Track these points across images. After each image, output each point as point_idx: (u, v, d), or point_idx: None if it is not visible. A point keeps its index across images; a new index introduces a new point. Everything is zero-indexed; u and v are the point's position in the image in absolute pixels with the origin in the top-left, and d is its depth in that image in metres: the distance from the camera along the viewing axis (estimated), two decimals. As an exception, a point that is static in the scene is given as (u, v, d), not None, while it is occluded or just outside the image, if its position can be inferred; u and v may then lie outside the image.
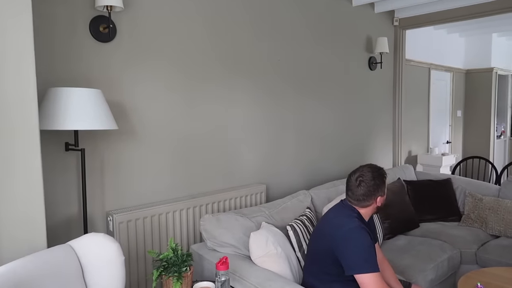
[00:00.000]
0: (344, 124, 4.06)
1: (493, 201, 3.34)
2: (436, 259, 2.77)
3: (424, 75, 5.59)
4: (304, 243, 2.40)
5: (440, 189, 3.76)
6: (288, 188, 3.41)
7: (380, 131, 4.61)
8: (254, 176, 3.19)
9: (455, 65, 6.33)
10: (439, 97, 5.99)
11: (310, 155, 3.67)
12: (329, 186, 3.22)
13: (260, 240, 2.19)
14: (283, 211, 2.68)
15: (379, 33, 4.40)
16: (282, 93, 3.37)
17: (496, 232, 3.22)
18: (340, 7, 3.91)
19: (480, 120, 6.61)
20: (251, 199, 3.04)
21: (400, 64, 4.73)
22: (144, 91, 2.49)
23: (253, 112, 3.15)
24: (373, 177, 1.94)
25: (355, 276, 1.80)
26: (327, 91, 3.82)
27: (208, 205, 2.77)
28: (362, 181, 1.93)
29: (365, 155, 4.36)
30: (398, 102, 4.77)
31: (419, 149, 5.55)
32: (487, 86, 6.53)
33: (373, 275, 1.77)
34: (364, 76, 4.30)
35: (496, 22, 5.45)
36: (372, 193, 1.94)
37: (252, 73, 3.12)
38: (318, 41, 3.69)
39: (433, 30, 5.65)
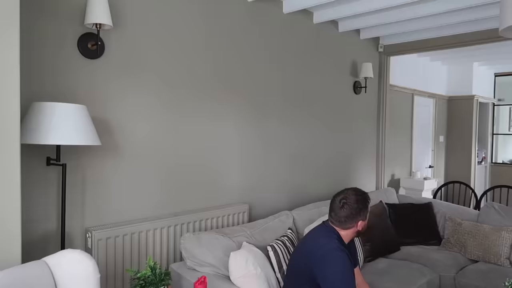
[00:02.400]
0: (329, 146, 4.11)
1: (472, 225, 3.40)
2: (416, 282, 2.79)
3: (408, 101, 5.73)
4: (284, 264, 2.40)
5: (421, 213, 3.81)
6: (271, 208, 3.42)
7: (364, 154, 4.68)
8: (238, 195, 3.20)
9: (438, 92, 6.50)
10: (422, 122, 6.13)
11: (294, 176, 3.70)
12: (312, 207, 3.25)
13: (240, 260, 2.18)
14: (265, 231, 2.69)
15: (364, 59, 4.52)
16: (268, 114, 3.42)
17: (474, 256, 3.26)
18: (327, 32, 4.02)
19: (461, 146, 6.76)
20: (233, 218, 3.04)
21: (384, 89, 4.85)
22: (130, 108, 2.51)
23: (239, 131, 3.18)
24: (357, 200, 1.98)
25: None
26: (312, 114, 3.89)
27: (190, 224, 2.76)
28: (346, 203, 1.97)
29: (349, 177, 4.41)
30: (382, 125, 4.86)
31: (402, 173, 5.63)
32: (468, 113, 6.71)
33: (351, 296, 1.79)
34: (349, 99, 4.40)
35: (476, 51, 5.65)
36: (354, 216, 1.97)
37: (240, 94, 3.17)
38: (305, 64, 3.77)
39: (417, 57, 5.83)
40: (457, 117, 6.79)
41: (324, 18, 3.81)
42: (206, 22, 2.91)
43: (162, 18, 2.65)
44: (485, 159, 7.35)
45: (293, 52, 3.65)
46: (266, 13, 3.37)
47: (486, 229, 3.30)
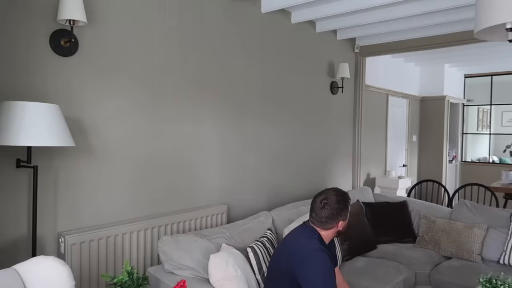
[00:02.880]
0: (307, 146, 4.13)
1: (446, 223, 3.49)
2: (393, 280, 2.83)
3: (383, 101, 5.83)
4: (264, 265, 2.38)
5: (396, 211, 3.88)
6: (249, 209, 3.40)
7: (341, 153, 4.73)
8: (216, 196, 3.16)
9: (411, 92, 6.65)
10: (396, 122, 6.26)
11: (273, 176, 3.70)
12: (291, 207, 3.25)
13: (219, 262, 2.15)
14: (244, 232, 2.66)
15: (341, 59, 4.56)
16: (247, 114, 3.40)
17: (448, 253, 3.35)
18: (305, 32, 4.04)
19: (433, 145, 6.95)
20: (212, 220, 3.00)
21: (360, 89, 4.92)
22: (105, 108, 2.43)
23: (217, 132, 3.15)
24: (338, 200, 1.99)
25: None
26: (291, 113, 3.89)
27: (167, 226, 2.70)
28: (327, 204, 1.97)
29: (326, 177, 4.45)
30: (358, 125, 4.93)
31: (377, 172, 5.73)
32: (440, 113, 6.90)
33: (332, 297, 1.79)
34: (326, 99, 4.43)
35: (447, 53, 5.82)
36: (335, 216, 1.98)
37: (217, 94, 3.13)
38: (283, 64, 3.77)
39: (391, 59, 5.95)
40: (429, 117, 6.97)
41: (301, 18, 3.82)
42: (183, 21, 2.86)
43: (138, 16, 2.58)
44: (456, 158, 7.59)
45: (272, 52, 3.64)
46: (244, 13, 3.34)
47: (459, 226, 3.39)
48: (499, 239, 3.21)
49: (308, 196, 3.98)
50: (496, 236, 3.24)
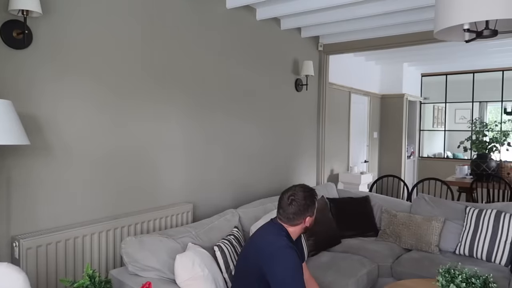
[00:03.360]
0: (272, 143, 4.14)
1: (406, 216, 3.61)
2: (357, 274, 2.89)
3: (345, 98, 5.95)
4: (231, 263, 2.36)
5: (359, 206, 3.98)
6: (215, 207, 3.36)
7: (305, 150, 4.78)
8: (181, 194, 3.09)
9: (372, 90, 6.84)
10: (358, 119, 6.42)
11: (239, 173, 3.68)
12: (257, 205, 3.24)
13: (186, 262, 2.11)
14: (210, 231, 2.63)
15: (305, 57, 4.61)
16: (211, 111, 3.35)
17: (408, 246, 3.47)
18: (270, 29, 4.03)
19: (393, 141, 7.19)
20: (177, 219, 2.93)
21: (324, 86, 4.99)
22: (63, 104, 2.31)
23: (182, 129, 3.08)
24: (305, 197, 2.00)
25: None
26: (255, 111, 3.88)
27: (131, 227, 2.61)
28: (294, 200, 1.98)
29: (291, 174, 4.48)
30: (322, 122, 5.00)
31: (340, 168, 5.85)
32: (399, 111, 7.15)
33: (300, 294, 1.80)
34: (291, 97, 4.46)
35: (406, 53, 6.03)
36: (302, 213, 1.99)
37: (182, 90, 3.06)
38: (249, 61, 3.75)
39: (354, 57, 6.08)
40: (389, 114, 7.20)
41: (266, 15, 3.82)
42: (147, 16, 2.77)
43: (98, 8, 2.46)
44: (414, 154, 7.89)
45: (238, 48, 3.61)
46: (209, 9, 3.29)
47: (418, 219, 3.52)
48: (455, 231, 3.37)
49: (274, 193, 3.99)
50: (453, 228, 3.39)
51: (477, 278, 2.03)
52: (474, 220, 3.25)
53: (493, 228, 3.12)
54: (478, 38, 2.08)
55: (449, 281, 2.04)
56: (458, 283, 2.01)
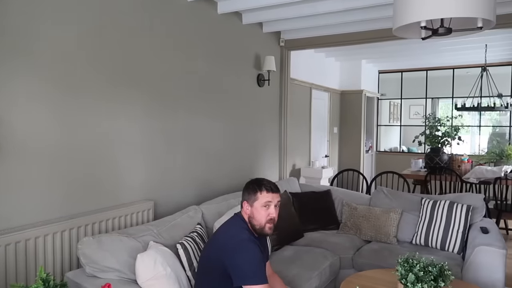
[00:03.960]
0: (234, 139, 4.11)
1: (366, 209, 3.71)
2: (320, 266, 2.94)
3: (306, 94, 6.02)
4: (195, 261, 2.32)
5: (321, 200, 4.04)
6: (178, 204, 3.29)
7: (268, 145, 4.79)
8: (142, 192, 3.00)
9: (332, 86, 6.97)
10: (318, 115, 6.52)
11: (201, 169, 3.62)
12: (220, 201, 3.21)
13: (147, 261, 2.05)
14: (173, 228, 2.57)
15: (267, 52, 4.60)
16: (172, 107, 3.26)
17: (368, 237, 3.57)
18: (231, 24, 3.99)
19: (352, 136, 7.38)
20: (137, 217, 2.84)
21: (286, 82, 5.01)
22: (9, 96, 2.15)
23: (140, 125, 2.97)
24: (248, 182, 2.02)
25: (244, 287, 1.81)
26: (218, 106, 3.83)
27: (88, 226, 2.50)
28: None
29: (254, 169, 4.48)
30: (283, 118, 5.03)
31: (302, 163, 5.92)
32: (357, 106, 7.34)
33: (262, 287, 1.80)
34: (253, 92, 4.44)
35: (364, 50, 6.19)
36: (242, 197, 2.01)
37: (139, 85, 2.95)
38: (211, 55, 3.69)
39: (314, 53, 6.16)
40: (348, 110, 7.38)
41: (228, 9, 3.77)
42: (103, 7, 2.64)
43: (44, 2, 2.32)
44: (372, 148, 8.14)
45: (198, 42, 3.54)
46: (169, 1, 3.19)
47: (377, 211, 3.63)
48: (412, 222, 3.50)
49: (237, 189, 3.96)
50: (409, 219, 3.52)
51: (434, 267, 2.12)
52: (429, 211, 3.40)
53: (447, 218, 3.28)
54: (434, 36, 2.16)
55: (408, 270, 2.11)
56: (416, 272, 2.08)
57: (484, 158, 5.68)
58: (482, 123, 8.04)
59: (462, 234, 3.19)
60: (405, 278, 2.10)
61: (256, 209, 1.98)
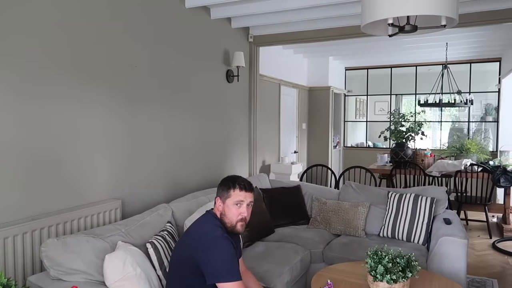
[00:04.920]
0: (204, 135, 4.06)
1: (335, 204, 3.77)
2: (291, 261, 2.95)
3: (275, 90, 6.04)
4: (165, 260, 2.27)
5: (291, 195, 4.07)
6: (146, 202, 3.21)
7: (237, 141, 4.77)
8: (108, 191, 2.90)
9: (300, 82, 7.03)
10: (287, 111, 6.56)
11: (170, 166, 3.55)
12: (190, 198, 3.17)
13: (116, 262, 1.99)
14: (142, 227, 2.51)
15: (235, 48, 4.57)
16: (140, 102, 3.18)
17: (337, 231, 3.63)
18: (200, 19, 3.93)
19: (320, 132, 7.48)
20: (104, 217, 2.75)
21: (255, 78, 5.00)
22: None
23: (105, 121, 2.87)
24: (223, 179, 2.02)
25: (217, 284, 1.80)
26: (187, 102, 3.77)
27: (51, 228, 2.39)
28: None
29: (224, 166, 4.44)
30: (253, 114, 5.02)
31: (272, 159, 5.95)
32: (325, 103, 7.44)
33: (236, 284, 1.79)
34: (222, 88, 4.40)
35: (331, 47, 6.28)
36: (216, 193, 2.00)
37: (105, 80, 2.85)
38: (179, 50, 3.61)
39: (283, 50, 6.18)
40: (317, 106, 7.47)
41: (195, 3, 3.71)
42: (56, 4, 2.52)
43: (6, -16, 2.19)
44: (339, 144, 8.29)
45: (166, 37, 3.46)
46: (134, -8, 3.10)
47: (346, 205, 3.70)
48: (379, 215, 3.59)
49: (207, 186, 3.93)
50: (377, 212, 3.61)
51: (401, 258, 2.18)
52: (395, 204, 3.50)
53: (412, 210, 3.38)
54: (400, 33, 2.20)
55: (377, 262, 2.16)
56: (385, 263, 2.14)
57: (445, 152, 5.91)
58: (442, 118, 8.37)
59: (427, 226, 3.30)
60: (375, 270, 2.15)
61: (227, 206, 1.96)
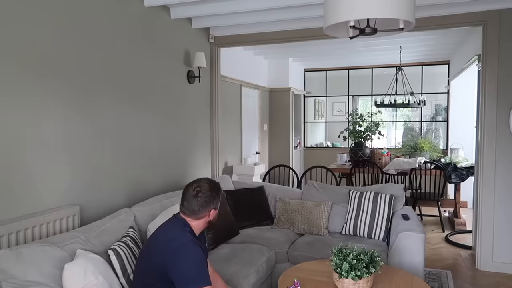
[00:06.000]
0: (166, 137, 3.97)
1: (298, 203, 3.82)
2: (257, 262, 2.95)
3: (237, 91, 6.03)
4: (129, 267, 2.19)
5: (255, 196, 4.08)
6: (107, 207, 3.08)
7: (200, 143, 4.71)
8: (65, 196, 2.76)
9: (261, 84, 7.07)
10: (249, 112, 6.57)
11: (131, 169, 3.43)
12: (153, 202, 3.09)
13: (76, 271, 1.90)
14: (103, 233, 2.41)
15: (197, 48, 4.51)
16: (97, 102, 3.05)
17: (301, 230, 3.68)
18: (159, 18, 3.84)
19: (281, 133, 7.57)
20: (61, 224, 2.61)
21: (216, 79, 4.96)
22: None
23: (60, 123, 2.73)
24: (210, 188, 1.98)
25: None
26: (148, 104, 3.66)
27: (3, 238, 2.23)
28: (200, 191, 1.95)
29: (186, 168, 4.37)
30: (215, 115, 4.97)
31: (234, 160, 5.93)
32: (286, 104, 7.54)
33: (205, 289, 1.76)
34: (184, 89, 4.33)
35: (291, 49, 6.37)
36: (208, 205, 1.96)
37: (61, 80, 2.71)
38: (138, 50, 3.51)
39: (244, 51, 6.19)
40: (277, 107, 7.54)
41: (155, 2, 3.62)
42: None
43: None
44: (300, 144, 8.42)
45: (124, 35, 3.34)
46: (91, -11, 2.97)
47: (309, 205, 3.75)
48: (341, 213, 3.68)
49: (170, 189, 3.85)
50: (339, 211, 3.70)
51: (365, 254, 2.25)
52: (356, 202, 3.59)
53: (372, 208, 3.49)
54: (361, 35, 2.27)
55: (342, 260, 2.21)
56: (350, 260, 2.19)
57: (400, 151, 6.16)
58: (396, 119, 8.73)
59: (386, 222, 3.42)
60: (340, 267, 2.19)
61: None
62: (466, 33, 5.22)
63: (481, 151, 3.91)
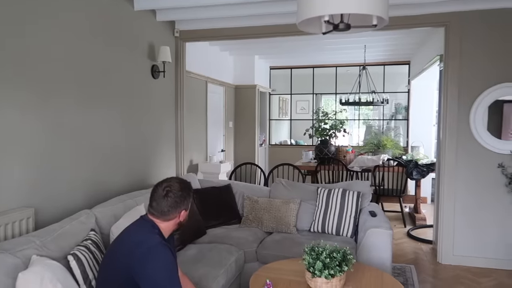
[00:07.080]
0: (128, 135, 3.78)
1: (266, 201, 3.77)
2: (226, 263, 2.87)
3: (202, 88, 5.90)
4: (91, 273, 2.05)
5: (222, 194, 3.99)
6: (65, 209, 2.88)
7: (164, 141, 4.54)
8: (18, 198, 2.54)
9: (226, 80, 6.96)
10: (214, 109, 6.46)
11: (91, 169, 3.23)
12: (115, 202, 2.92)
13: (32, 280, 1.75)
14: (61, 237, 2.24)
15: (161, 42, 4.35)
16: (53, 97, 2.83)
17: (270, 229, 3.63)
18: (120, 9, 3.64)
19: (247, 130, 7.50)
20: (14, 228, 2.40)
21: (181, 75, 4.81)
22: None
23: (13, 120, 2.51)
24: (181, 188, 1.89)
25: None
26: (109, 100, 3.47)
27: None
28: (170, 191, 1.85)
29: (150, 166, 4.20)
30: (180, 112, 4.82)
31: (199, 158, 5.80)
32: (251, 101, 7.48)
33: (177, 293, 1.67)
34: (148, 84, 4.15)
35: (256, 45, 6.32)
36: (178, 205, 1.87)
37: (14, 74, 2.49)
38: (98, 43, 3.30)
39: (209, 46, 6.06)
40: (243, 104, 7.47)
41: (117, -8, 3.44)
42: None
43: None
44: (265, 142, 8.40)
45: (83, 26, 3.14)
46: (47, -26, 2.75)
47: (277, 203, 3.71)
48: (310, 211, 3.67)
49: (133, 188, 3.67)
50: (307, 208, 3.69)
51: (338, 252, 2.22)
52: (324, 200, 3.59)
53: (340, 205, 3.50)
54: (335, 31, 2.24)
55: (315, 258, 2.18)
56: (323, 259, 2.16)
57: (364, 148, 6.27)
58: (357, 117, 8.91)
59: (354, 219, 3.44)
60: (313, 266, 2.16)
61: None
62: (427, 34, 5.38)
63: (442, 149, 4.03)
